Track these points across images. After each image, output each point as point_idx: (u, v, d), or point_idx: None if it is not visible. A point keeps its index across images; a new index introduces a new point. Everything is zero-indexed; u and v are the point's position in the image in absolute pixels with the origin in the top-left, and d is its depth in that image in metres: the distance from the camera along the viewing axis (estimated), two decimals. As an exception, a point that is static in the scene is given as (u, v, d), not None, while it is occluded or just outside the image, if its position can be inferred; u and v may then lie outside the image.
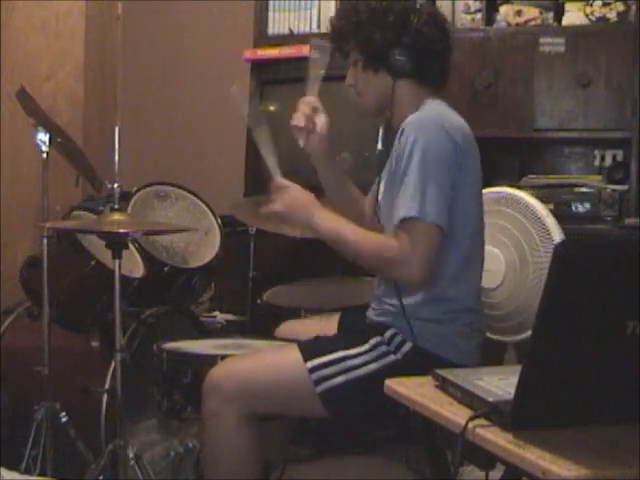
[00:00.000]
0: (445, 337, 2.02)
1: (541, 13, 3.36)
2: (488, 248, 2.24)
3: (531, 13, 3.36)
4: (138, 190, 3.09)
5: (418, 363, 1.87)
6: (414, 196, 1.92)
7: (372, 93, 2.15)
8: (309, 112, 2.24)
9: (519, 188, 2.89)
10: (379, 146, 2.21)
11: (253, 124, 2.31)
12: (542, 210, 2.56)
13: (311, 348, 2.04)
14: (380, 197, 2.11)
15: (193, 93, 4.32)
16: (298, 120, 2.24)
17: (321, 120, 2.26)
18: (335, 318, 2.34)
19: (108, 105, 4.13)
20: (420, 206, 1.91)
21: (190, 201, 3.21)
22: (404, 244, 1.93)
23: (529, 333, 1.56)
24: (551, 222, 2.54)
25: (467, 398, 1.41)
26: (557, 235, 2.53)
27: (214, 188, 3.50)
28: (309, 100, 2.26)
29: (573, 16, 3.29)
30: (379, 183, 2.13)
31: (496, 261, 2.53)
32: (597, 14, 3.24)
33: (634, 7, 3.18)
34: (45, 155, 2.62)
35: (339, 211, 2.35)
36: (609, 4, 3.23)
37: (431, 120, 2.00)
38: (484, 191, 2.38)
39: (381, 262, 2.00)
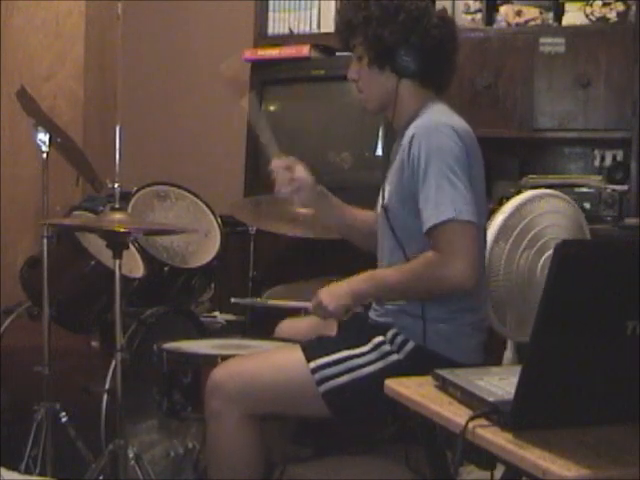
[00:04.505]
0: (448, 336, 2.02)
1: (541, 13, 3.37)
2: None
3: (531, 13, 3.37)
4: (138, 190, 3.09)
5: (420, 362, 1.87)
6: (443, 200, 1.91)
7: (375, 90, 2.14)
8: (288, 174, 2.24)
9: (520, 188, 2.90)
10: (380, 149, 2.21)
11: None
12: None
13: (314, 348, 2.04)
14: (386, 201, 2.09)
15: (193, 93, 4.32)
16: (283, 188, 2.24)
17: (300, 173, 2.26)
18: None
19: (108, 105, 4.13)
20: (452, 207, 1.90)
21: (190, 201, 3.21)
22: (440, 248, 1.91)
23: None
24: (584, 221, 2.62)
25: (467, 398, 1.41)
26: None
27: (214, 188, 3.50)
28: (279, 164, 2.26)
29: (573, 16, 3.29)
30: (384, 187, 2.11)
31: None
32: (597, 14, 3.24)
33: (634, 7, 3.18)
34: (45, 155, 2.62)
35: (348, 237, 2.38)
36: (609, 4, 3.23)
37: (440, 124, 2.00)
38: (543, 192, 2.40)
39: (426, 279, 1.95)
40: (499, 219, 2.40)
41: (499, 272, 2.38)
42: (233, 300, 2.44)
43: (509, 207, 2.43)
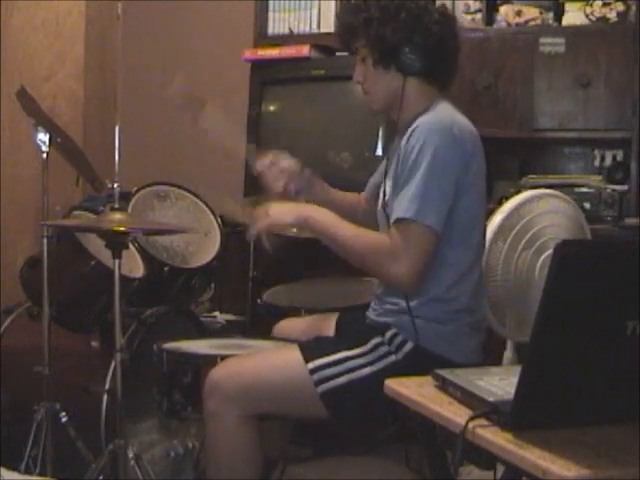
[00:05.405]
0: (446, 337, 2.02)
1: (541, 13, 3.37)
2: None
3: (531, 13, 3.37)
4: (138, 190, 3.09)
5: (419, 363, 1.86)
6: (414, 198, 1.92)
7: (381, 91, 2.14)
8: (275, 168, 2.27)
9: (520, 188, 2.90)
10: (380, 149, 2.21)
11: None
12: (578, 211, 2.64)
13: (312, 349, 2.04)
14: (387, 197, 2.10)
15: (193, 93, 4.32)
16: (276, 182, 2.27)
17: (285, 163, 2.28)
18: (333, 317, 2.34)
19: (108, 105, 4.13)
20: (419, 208, 1.91)
21: (190, 201, 3.21)
22: (397, 242, 1.93)
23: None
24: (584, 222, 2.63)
25: (467, 398, 1.41)
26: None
27: (214, 188, 3.50)
28: (264, 163, 2.28)
29: (573, 16, 3.29)
30: (385, 184, 2.11)
31: None
32: (597, 14, 3.24)
33: (634, 7, 3.18)
34: (45, 155, 2.62)
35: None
36: (609, 4, 3.23)
37: (441, 125, 2.00)
38: (542, 192, 2.39)
39: (371, 258, 1.98)
40: (497, 219, 2.40)
41: (497, 272, 2.38)
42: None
43: (507, 207, 2.43)
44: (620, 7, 3.22)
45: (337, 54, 3.44)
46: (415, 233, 1.92)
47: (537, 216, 2.46)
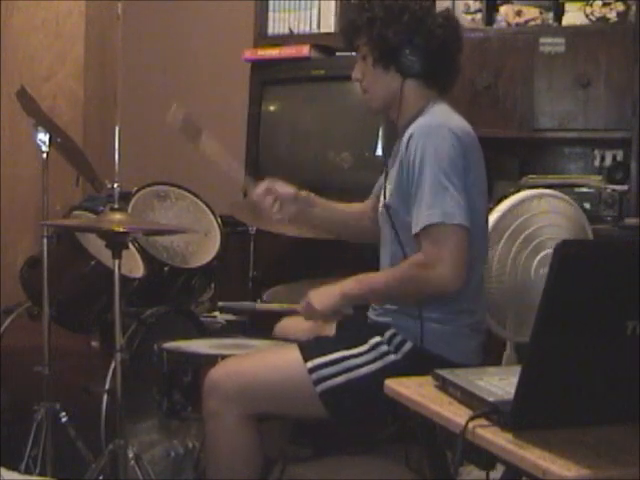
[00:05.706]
0: (446, 337, 2.02)
1: (541, 13, 3.36)
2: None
3: (531, 13, 3.36)
4: (138, 190, 3.09)
5: (418, 363, 1.87)
6: (434, 202, 1.92)
7: (380, 90, 2.14)
8: (270, 198, 2.30)
9: (520, 188, 2.90)
10: (380, 149, 2.22)
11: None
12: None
13: (311, 348, 2.05)
14: (388, 200, 2.09)
15: (193, 93, 4.32)
16: (273, 210, 2.30)
17: (280, 189, 2.31)
18: None
19: (108, 105, 4.13)
20: (442, 210, 1.91)
21: (190, 201, 3.21)
22: (428, 252, 1.92)
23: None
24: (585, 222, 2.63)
25: (467, 398, 1.41)
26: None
27: (214, 188, 3.50)
28: (258, 192, 2.31)
29: (573, 16, 3.29)
30: (385, 185, 2.11)
31: None
32: (597, 14, 3.24)
33: (634, 7, 3.18)
34: (45, 155, 2.62)
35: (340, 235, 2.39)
36: (609, 4, 3.23)
37: (439, 125, 2.00)
38: (539, 192, 2.40)
39: (413, 281, 1.97)
40: (492, 219, 2.39)
41: (491, 274, 2.38)
42: (220, 304, 2.46)
43: (502, 207, 2.43)
44: (620, 7, 3.22)
45: (337, 54, 3.44)
46: (445, 235, 1.91)
47: (534, 216, 2.46)
